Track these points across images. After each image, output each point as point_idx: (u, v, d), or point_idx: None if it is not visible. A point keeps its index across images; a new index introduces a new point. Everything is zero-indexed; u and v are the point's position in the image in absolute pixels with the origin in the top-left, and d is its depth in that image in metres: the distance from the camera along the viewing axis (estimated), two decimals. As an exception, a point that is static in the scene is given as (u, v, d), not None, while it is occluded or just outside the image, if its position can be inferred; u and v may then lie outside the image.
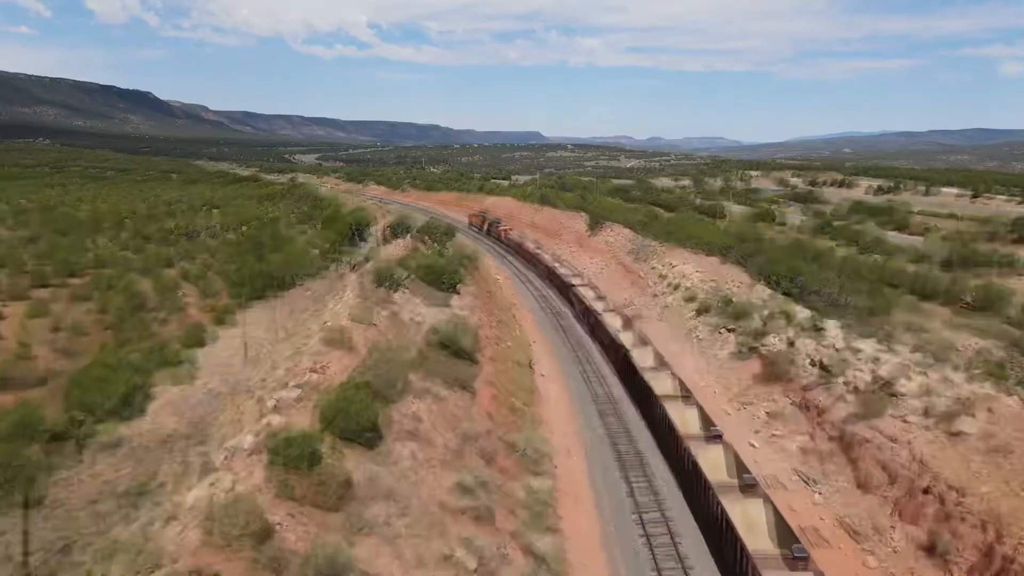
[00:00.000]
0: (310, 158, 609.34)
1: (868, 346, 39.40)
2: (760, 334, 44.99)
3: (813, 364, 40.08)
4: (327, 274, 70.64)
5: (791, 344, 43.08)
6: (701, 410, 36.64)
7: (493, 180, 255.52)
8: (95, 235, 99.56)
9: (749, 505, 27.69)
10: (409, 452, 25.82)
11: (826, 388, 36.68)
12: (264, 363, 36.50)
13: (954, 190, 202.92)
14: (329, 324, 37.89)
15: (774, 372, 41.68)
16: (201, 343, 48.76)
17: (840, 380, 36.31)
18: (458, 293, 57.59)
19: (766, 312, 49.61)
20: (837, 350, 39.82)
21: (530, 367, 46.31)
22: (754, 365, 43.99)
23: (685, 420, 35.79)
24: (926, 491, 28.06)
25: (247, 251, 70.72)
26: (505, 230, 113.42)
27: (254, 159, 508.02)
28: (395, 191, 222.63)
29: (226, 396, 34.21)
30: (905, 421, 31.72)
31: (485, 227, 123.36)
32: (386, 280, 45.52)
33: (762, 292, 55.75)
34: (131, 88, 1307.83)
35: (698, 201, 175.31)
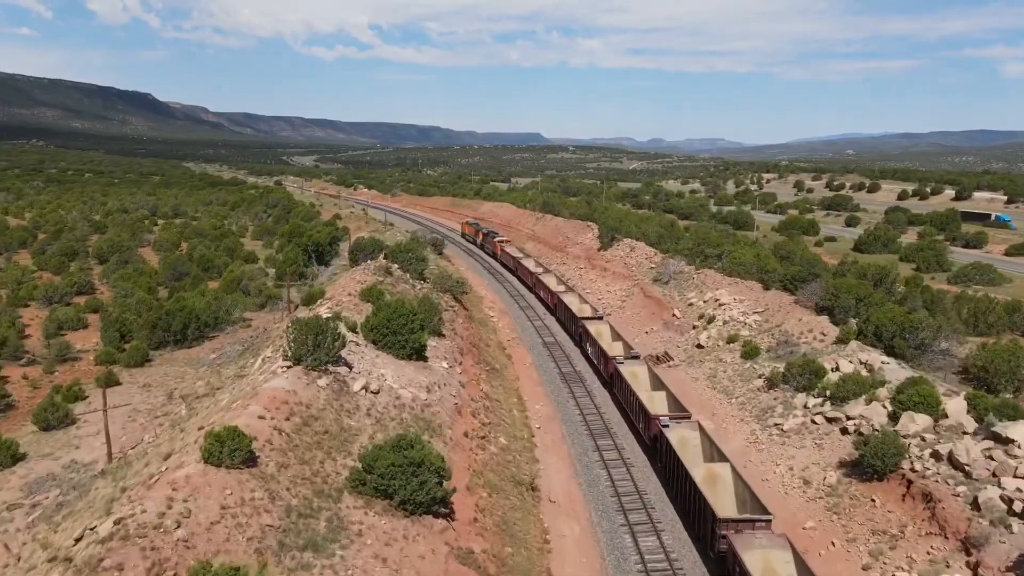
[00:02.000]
0: (309, 160, 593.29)
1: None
2: (892, 441, 28.43)
3: (1013, 513, 23.65)
4: (256, 319, 54.61)
5: (957, 467, 26.60)
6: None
7: (491, 183, 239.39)
8: (19, 248, 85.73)
9: None
10: None
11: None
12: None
13: (987, 194, 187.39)
14: (214, 426, 22.24)
15: (936, 515, 25.25)
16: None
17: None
18: (442, 335, 41.46)
19: (881, 392, 33.20)
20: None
21: (532, 488, 29.88)
22: (890, 493, 27.54)
23: None
24: None
25: (161, 284, 54.51)
26: (501, 243, 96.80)
27: (252, 161, 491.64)
28: (385, 195, 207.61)
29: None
30: None
31: (479, 239, 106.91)
32: (308, 352, 29.10)
33: (858, 351, 39.34)
34: (130, 89, 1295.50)
35: (716, 208, 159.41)
